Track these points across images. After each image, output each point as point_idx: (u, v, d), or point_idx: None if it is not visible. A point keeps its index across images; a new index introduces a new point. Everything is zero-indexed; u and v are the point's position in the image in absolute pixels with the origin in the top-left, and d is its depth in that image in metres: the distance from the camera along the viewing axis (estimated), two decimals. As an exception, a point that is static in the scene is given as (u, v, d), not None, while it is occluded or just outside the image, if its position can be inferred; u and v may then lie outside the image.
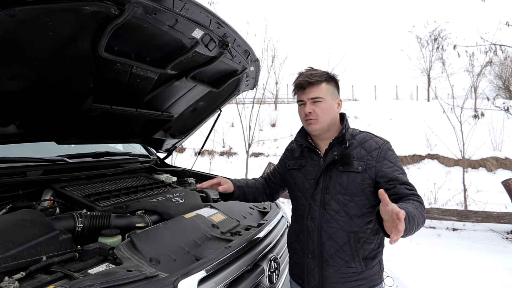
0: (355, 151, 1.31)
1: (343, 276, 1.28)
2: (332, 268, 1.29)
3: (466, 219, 4.29)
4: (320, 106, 1.31)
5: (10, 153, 1.76)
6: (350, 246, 1.28)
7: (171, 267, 1.13)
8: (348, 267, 1.28)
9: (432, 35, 14.80)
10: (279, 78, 13.35)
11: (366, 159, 1.28)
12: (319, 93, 1.31)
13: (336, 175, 1.30)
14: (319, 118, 1.31)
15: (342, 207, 1.28)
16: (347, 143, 1.32)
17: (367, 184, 1.27)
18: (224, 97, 2.44)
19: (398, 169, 1.26)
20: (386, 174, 1.25)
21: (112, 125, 1.99)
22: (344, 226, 1.28)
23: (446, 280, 3.14)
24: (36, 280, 0.98)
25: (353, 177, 1.28)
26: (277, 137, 8.72)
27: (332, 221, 1.29)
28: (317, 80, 1.31)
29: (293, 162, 1.47)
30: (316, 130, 1.34)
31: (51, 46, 1.23)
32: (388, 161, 1.27)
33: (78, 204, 1.59)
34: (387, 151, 1.30)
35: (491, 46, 5.28)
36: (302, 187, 1.39)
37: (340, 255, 1.28)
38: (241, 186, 1.57)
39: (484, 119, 6.95)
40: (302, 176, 1.40)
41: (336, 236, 1.29)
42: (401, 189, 1.21)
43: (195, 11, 1.36)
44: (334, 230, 1.29)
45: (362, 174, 1.27)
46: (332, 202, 1.30)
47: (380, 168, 1.26)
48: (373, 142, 1.32)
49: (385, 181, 1.24)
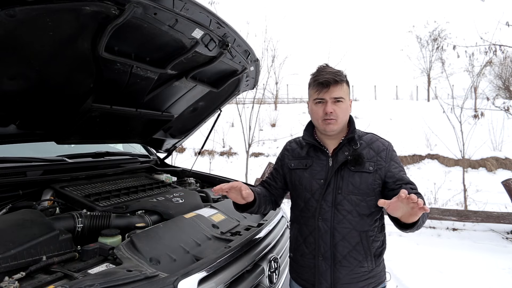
0: (364, 151, 1.32)
1: (356, 276, 1.29)
2: (346, 269, 1.29)
3: (466, 219, 4.29)
4: (340, 107, 1.30)
5: (10, 153, 1.76)
6: (363, 245, 1.29)
7: (171, 267, 1.14)
8: (361, 266, 1.29)
9: (432, 35, 14.81)
10: (279, 78, 13.34)
11: (376, 160, 1.31)
12: (342, 93, 1.29)
13: (348, 175, 1.30)
14: (338, 119, 1.30)
15: (354, 207, 1.29)
16: (358, 143, 1.33)
17: (377, 184, 1.30)
18: (224, 97, 2.44)
19: (402, 169, 1.32)
20: (394, 174, 1.29)
21: (112, 125, 1.99)
22: (356, 226, 1.29)
23: (446, 280, 3.15)
24: (36, 280, 0.98)
25: (365, 177, 1.29)
26: (277, 137, 8.71)
27: (345, 221, 1.29)
28: (342, 80, 1.30)
29: (296, 162, 1.42)
30: (334, 130, 1.32)
31: (51, 46, 1.23)
32: (394, 161, 1.32)
33: (78, 204, 1.59)
34: (392, 152, 1.34)
35: (491, 46, 5.28)
36: (310, 187, 1.35)
37: (354, 255, 1.29)
38: (259, 194, 1.41)
39: (484, 119, 6.94)
40: (309, 176, 1.36)
41: (350, 236, 1.29)
42: (406, 188, 1.21)
43: (195, 11, 1.36)
44: (348, 230, 1.29)
45: (373, 174, 1.29)
46: (344, 202, 1.29)
47: (389, 169, 1.30)
48: (380, 143, 1.35)
49: (392, 181, 1.29)
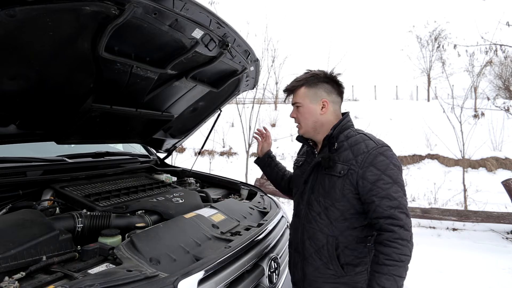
0: (344, 153, 1.24)
1: (321, 276, 1.29)
2: (312, 266, 1.31)
3: (466, 219, 4.29)
4: (300, 111, 1.35)
5: (10, 153, 1.76)
6: (328, 249, 1.26)
7: (171, 267, 1.13)
8: (327, 268, 1.28)
9: (432, 35, 14.83)
10: (279, 78, 13.33)
11: (350, 164, 1.20)
12: (296, 98, 1.35)
13: (321, 177, 1.30)
14: (301, 123, 1.36)
15: (323, 210, 1.28)
16: (336, 144, 1.28)
17: (348, 190, 1.21)
18: (224, 97, 2.44)
19: (384, 178, 1.15)
20: (365, 184, 1.16)
21: (112, 125, 1.99)
22: (323, 229, 1.27)
23: (446, 280, 3.15)
24: (36, 280, 0.98)
25: (333, 181, 1.24)
26: (277, 137, 8.69)
27: (313, 222, 1.30)
28: (294, 86, 1.35)
29: (296, 159, 1.53)
30: (302, 134, 1.38)
31: (51, 46, 1.23)
32: (374, 167, 1.16)
33: (78, 204, 1.59)
34: (376, 156, 1.18)
35: (491, 46, 5.28)
36: (297, 184, 1.44)
37: (318, 255, 1.29)
38: (272, 157, 1.73)
39: (484, 119, 6.96)
40: (299, 173, 1.44)
41: (315, 237, 1.29)
42: (375, 212, 1.14)
43: (195, 11, 1.36)
44: (314, 231, 1.30)
45: (343, 179, 1.21)
46: (314, 204, 1.31)
47: (363, 175, 1.17)
48: (363, 145, 1.21)
49: (364, 192, 1.17)
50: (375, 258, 1.14)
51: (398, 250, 1.09)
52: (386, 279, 1.07)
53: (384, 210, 1.13)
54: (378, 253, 1.13)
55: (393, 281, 1.07)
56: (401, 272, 1.09)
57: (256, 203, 2.10)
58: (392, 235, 1.11)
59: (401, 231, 1.11)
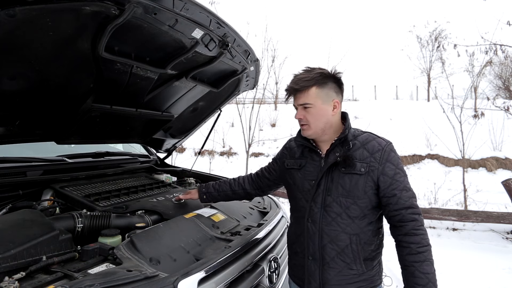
0: (358, 152, 1.27)
1: (344, 278, 1.27)
2: (334, 271, 1.27)
3: (466, 219, 4.28)
4: (310, 112, 1.27)
5: (10, 153, 1.76)
6: (352, 248, 1.25)
7: (171, 267, 1.14)
8: (350, 269, 1.26)
9: (433, 35, 14.82)
10: (279, 78, 13.34)
11: (369, 161, 1.24)
12: (307, 99, 1.26)
13: (339, 177, 1.27)
14: (310, 124, 1.29)
15: (344, 210, 1.26)
16: (350, 144, 1.28)
17: (369, 187, 1.24)
18: (224, 97, 2.44)
19: (399, 172, 1.25)
20: (386, 179, 1.24)
21: (112, 125, 1.99)
22: (346, 229, 1.26)
23: (446, 280, 3.14)
24: (36, 280, 0.98)
25: (355, 179, 1.24)
26: (277, 137, 8.70)
27: (334, 223, 1.27)
28: (304, 86, 1.25)
29: (292, 161, 1.43)
30: (309, 135, 1.32)
31: (51, 46, 1.23)
32: (390, 163, 1.25)
33: (78, 204, 1.59)
34: (389, 152, 1.26)
35: (491, 45, 5.28)
36: (302, 188, 1.35)
37: (342, 257, 1.26)
38: (208, 192, 1.69)
39: (484, 119, 6.94)
40: (302, 176, 1.36)
41: (338, 239, 1.26)
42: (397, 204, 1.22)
43: (195, 11, 1.36)
44: (336, 233, 1.26)
45: (365, 176, 1.24)
46: (334, 205, 1.27)
47: (383, 171, 1.24)
48: (376, 143, 1.27)
49: (385, 187, 1.23)
50: (405, 250, 1.19)
51: (424, 236, 1.20)
52: (426, 265, 1.15)
53: (405, 201, 1.22)
54: (407, 244, 1.19)
55: (431, 265, 1.16)
56: (432, 255, 1.18)
57: (256, 203, 2.10)
58: (416, 223, 1.20)
59: (420, 218, 1.22)
